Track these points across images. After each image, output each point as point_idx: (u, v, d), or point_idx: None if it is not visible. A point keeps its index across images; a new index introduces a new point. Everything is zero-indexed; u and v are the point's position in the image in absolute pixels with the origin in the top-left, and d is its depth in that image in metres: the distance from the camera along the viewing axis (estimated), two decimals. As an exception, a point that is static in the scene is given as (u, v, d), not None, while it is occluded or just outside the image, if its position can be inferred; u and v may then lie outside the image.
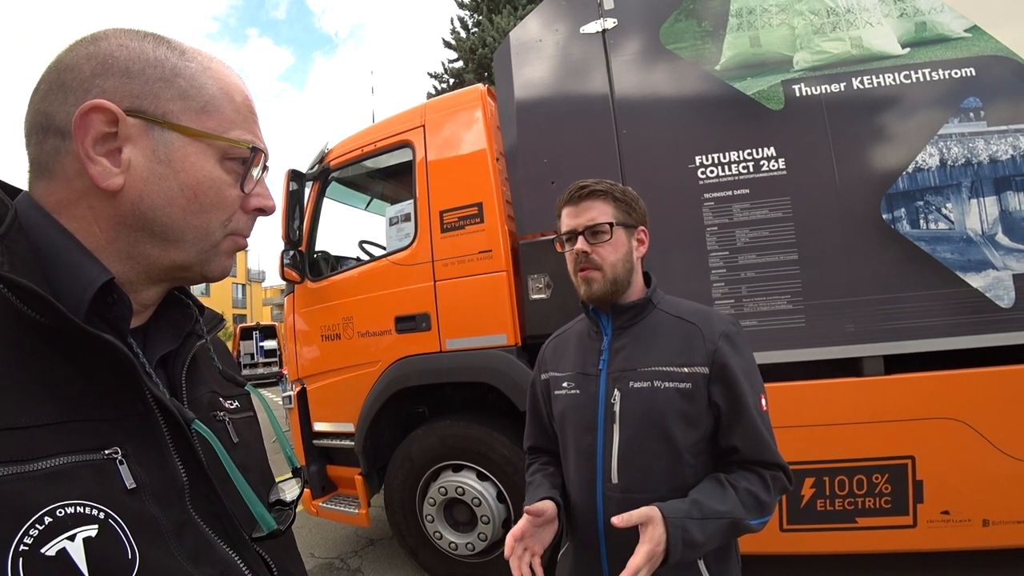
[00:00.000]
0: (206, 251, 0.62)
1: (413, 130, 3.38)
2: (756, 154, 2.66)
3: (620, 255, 1.22)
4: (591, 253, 1.21)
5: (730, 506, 1.07)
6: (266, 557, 0.65)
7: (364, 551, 4.11)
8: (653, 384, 1.16)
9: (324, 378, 3.62)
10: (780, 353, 2.58)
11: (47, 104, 0.56)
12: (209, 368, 0.74)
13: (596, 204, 1.23)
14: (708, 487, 1.11)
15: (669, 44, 2.85)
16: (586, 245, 1.21)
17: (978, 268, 2.44)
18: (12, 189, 0.60)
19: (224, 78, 0.62)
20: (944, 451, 2.45)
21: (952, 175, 2.50)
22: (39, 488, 0.45)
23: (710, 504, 1.06)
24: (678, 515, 1.02)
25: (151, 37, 0.59)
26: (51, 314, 0.49)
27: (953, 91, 2.52)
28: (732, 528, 1.07)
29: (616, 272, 1.21)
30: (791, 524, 2.59)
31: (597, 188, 1.23)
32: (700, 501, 1.06)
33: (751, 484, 1.11)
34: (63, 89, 0.55)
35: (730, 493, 1.09)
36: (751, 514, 1.09)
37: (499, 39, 12.80)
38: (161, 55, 0.58)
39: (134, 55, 0.57)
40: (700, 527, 1.02)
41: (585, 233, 1.22)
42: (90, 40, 0.57)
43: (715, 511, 1.05)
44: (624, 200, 1.25)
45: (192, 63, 0.60)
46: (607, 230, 1.21)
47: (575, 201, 1.25)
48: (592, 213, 1.22)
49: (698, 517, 1.03)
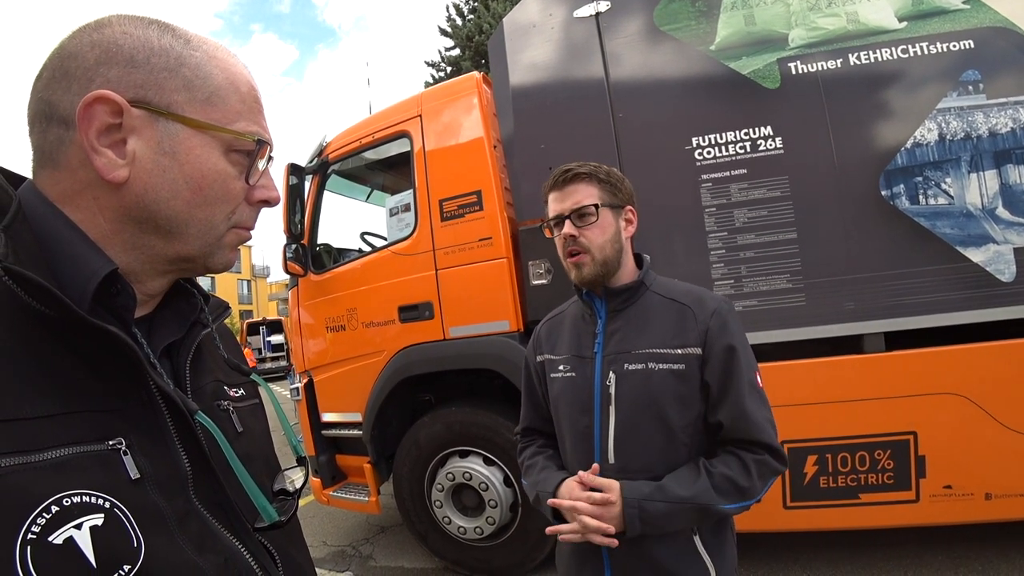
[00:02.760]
0: (210, 244, 0.62)
1: (410, 120, 3.38)
2: (753, 133, 2.65)
3: (608, 236, 1.23)
4: (579, 236, 1.21)
5: (695, 491, 1.10)
6: (269, 546, 0.66)
7: (375, 538, 4.18)
8: (648, 366, 1.18)
9: (330, 369, 3.65)
10: (781, 332, 2.59)
11: (50, 92, 0.55)
12: (214, 357, 0.74)
13: (581, 187, 1.23)
14: (682, 472, 1.15)
15: (663, 25, 2.82)
16: (573, 229, 1.21)
17: (978, 243, 2.43)
18: (16, 177, 0.60)
19: (230, 68, 0.61)
20: (946, 426, 2.46)
21: (951, 149, 2.48)
22: (45, 478, 0.45)
23: (674, 489, 1.11)
24: (636, 496, 1.11)
25: (156, 24, 0.58)
26: (55, 305, 0.49)
27: (952, 64, 2.50)
28: (700, 512, 1.12)
29: (605, 254, 1.22)
30: (794, 501, 2.61)
31: (581, 171, 1.24)
32: (665, 486, 1.12)
33: (729, 469, 1.13)
34: (66, 77, 0.54)
35: (702, 479, 1.12)
36: (725, 499, 1.11)
37: (495, 26, 12.68)
38: (166, 43, 0.57)
39: (138, 43, 0.55)
40: (659, 508, 1.10)
41: (571, 217, 1.22)
42: (94, 27, 0.56)
43: (678, 496, 1.10)
44: (608, 181, 1.25)
45: (197, 52, 0.59)
46: (593, 212, 1.21)
47: (560, 185, 1.25)
48: (577, 196, 1.23)
49: (659, 499, 1.10)
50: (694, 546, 1.16)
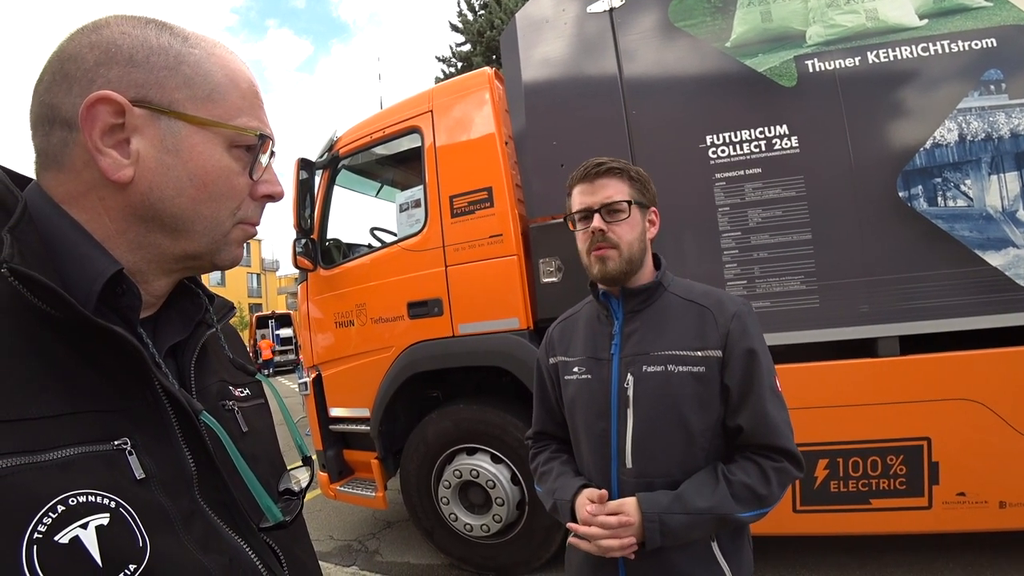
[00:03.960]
0: (217, 240, 0.62)
1: (421, 115, 3.37)
2: (768, 132, 2.61)
3: (636, 234, 1.21)
4: (608, 232, 1.18)
5: (715, 502, 1.08)
6: (274, 545, 0.66)
7: (381, 533, 4.20)
8: (667, 368, 1.16)
9: (339, 364, 3.66)
10: (793, 334, 2.56)
11: (51, 96, 0.55)
12: (219, 357, 0.74)
13: (612, 182, 1.21)
14: (700, 479, 1.13)
15: (678, 21, 2.79)
16: (603, 223, 1.19)
17: (998, 246, 2.38)
18: (21, 178, 0.60)
19: (229, 64, 0.61)
20: (961, 432, 2.42)
21: (972, 150, 2.43)
22: (51, 478, 0.45)
23: (693, 500, 1.09)
24: (656, 509, 1.09)
25: (153, 23, 0.58)
26: (60, 306, 0.49)
27: (973, 63, 2.44)
28: (719, 522, 1.10)
29: (632, 251, 1.20)
30: (804, 505, 2.59)
31: (614, 166, 1.21)
32: (684, 496, 1.10)
33: (748, 477, 1.11)
34: (67, 80, 0.54)
35: (721, 487, 1.10)
36: (743, 507, 1.09)
37: (507, 21, 12.63)
38: (164, 42, 0.57)
39: (137, 43, 0.56)
40: (679, 521, 1.08)
41: (601, 211, 1.20)
42: (91, 28, 0.56)
43: (697, 507, 1.08)
44: (639, 179, 1.23)
45: (196, 49, 0.59)
46: (624, 208, 1.19)
47: (590, 179, 1.22)
48: (609, 191, 1.20)
49: (679, 512, 1.08)
50: (712, 553, 1.14)
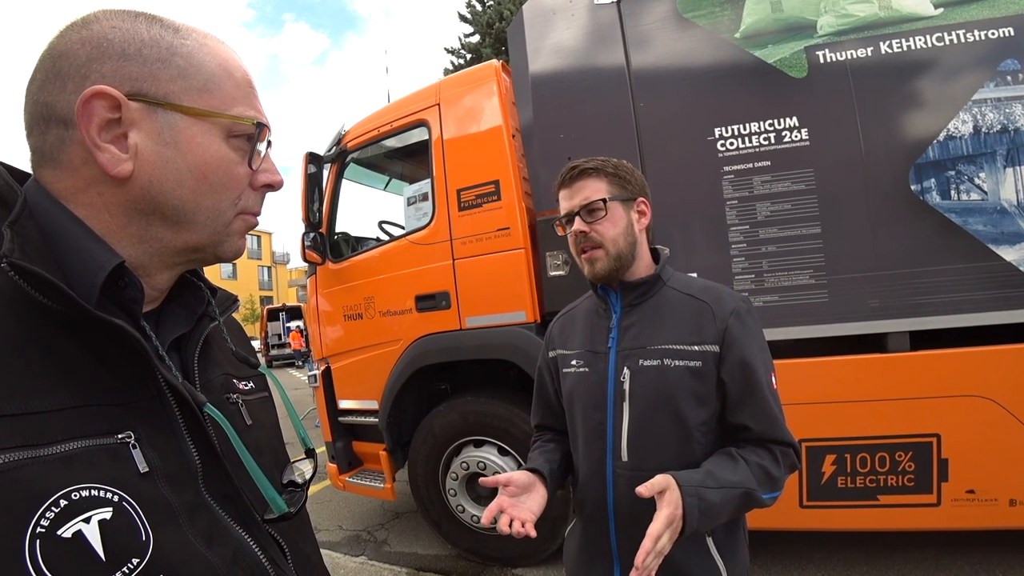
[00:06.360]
0: (219, 231, 0.62)
1: (428, 109, 3.36)
2: (778, 124, 2.58)
3: (619, 229, 1.21)
4: (589, 232, 1.20)
5: (742, 476, 1.07)
6: (278, 538, 0.66)
7: (390, 524, 4.23)
8: (663, 362, 1.16)
9: (348, 357, 3.69)
10: (802, 329, 2.54)
11: (45, 94, 0.55)
12: (223, 350, 0.74)
13: (589, 182, 1.22)
14: (719, 460, 1.12)
15: (686, 12, 2.75)
16: (583, 225, 1.21)
17: (1012, 241, 2.34)
18: (21, 173, 0.60)
19: (221, 54, 0.61)
20: (971, 429, 2.39)
21: (987, 143, 2.39)
22: (54, 472, 0.45)
23: (723, 474, 1.06)
24: (693, 483, 1.01)
25: (143, 16, 0.57)
26: (62, 300, 0.49)
27: (989, 53, 2.39)
28: (745, 499, 1.07)
29: (618, 247, 1.20)
30: (811, 501, 2.58)
31: (588, 166, 1.23)
32: (713, 472, 1.06)
33: (762, 459, 1.11)
34: (60, 77, 0.54)
35: (741, 465, 1.09)
36: (763, 487, 1.09)
37: (516, 11, 12.56)
38: (156, 34, 0.57)
39: (128, 36, 0.55)
40: (715, 496, 1.01)
41: (581, 213, 1.22)
42: (81, 24, 0.56)
43: (729, 480, 1.05)
44: (616, 174, 1.23)
45: (188, 41, 0.58)
46: (601, 207, 1.20)
47: (568, 183, 1.24)
48: (585, 192, 1.22)
49: (713, 486, 1.03)
50: (707, 547, 1.14)
